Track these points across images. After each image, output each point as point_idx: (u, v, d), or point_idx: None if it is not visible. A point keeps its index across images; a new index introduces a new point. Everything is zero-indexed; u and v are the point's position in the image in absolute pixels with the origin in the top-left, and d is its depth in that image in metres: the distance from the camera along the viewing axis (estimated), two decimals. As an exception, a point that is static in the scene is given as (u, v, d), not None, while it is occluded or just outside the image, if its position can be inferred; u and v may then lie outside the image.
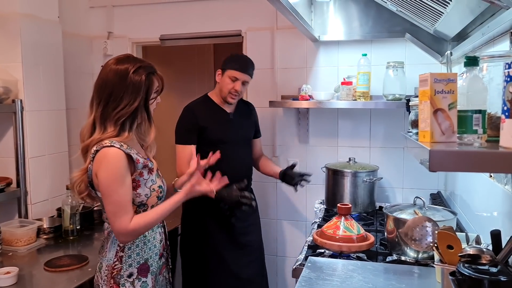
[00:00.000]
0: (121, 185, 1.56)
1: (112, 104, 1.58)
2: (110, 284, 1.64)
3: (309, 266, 1.76)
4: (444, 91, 0.98)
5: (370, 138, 2.85)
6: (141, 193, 1.65)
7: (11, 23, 2.45)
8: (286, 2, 1.92)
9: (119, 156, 1.56)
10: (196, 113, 2.44)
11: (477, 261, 1.15)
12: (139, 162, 1.63)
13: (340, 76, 2.81)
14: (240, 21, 3.01)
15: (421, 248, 1.56)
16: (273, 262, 3.09)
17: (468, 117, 0.99)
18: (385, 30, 2.70)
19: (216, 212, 2.41)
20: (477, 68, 1.02)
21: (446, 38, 2.42)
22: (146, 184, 1.66)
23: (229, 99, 2.44)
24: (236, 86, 2.40)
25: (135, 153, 1.62)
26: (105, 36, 3.24)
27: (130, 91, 1.58)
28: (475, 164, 0.79)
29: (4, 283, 1.82)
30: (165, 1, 3.13)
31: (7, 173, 2.47)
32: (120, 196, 1.56)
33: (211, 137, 2.43)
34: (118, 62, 1.62)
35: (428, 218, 1.52)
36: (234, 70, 2.39)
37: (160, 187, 1.72)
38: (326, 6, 2.79)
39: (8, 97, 2.39)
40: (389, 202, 2.78)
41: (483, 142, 0.98)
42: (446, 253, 1.23)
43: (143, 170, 1.65)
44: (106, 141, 1.56)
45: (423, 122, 1.01)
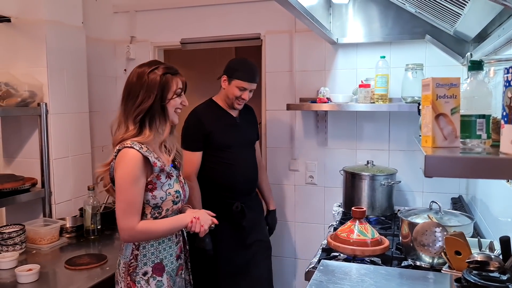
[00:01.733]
0: (134, 185, 1.63)
1: (130, 101, 1.69)
2: (127, 281, 1.70)
3: (321, 269, 1.76)
4: (447, 96, 0.97)
5: (389, 141, 2.82)
6: (156, 195, 1.70)
7: (37, 30, 2.54)
8: (301, 7, 1.92)
9: (136, 157, 1.63)
10: (203, 119, 2.45)
11: (485, 268, 1.14)
12: (156, 165, 1.67)
13: (358, 78, 2.79)
14: (259, 25, 3.03)
15: (430, 254, 1.54)
16: (291, 264, 3.09)
17: (472, 122, 0.98)
18: (405, 32, 2.66)
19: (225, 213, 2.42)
20: (482, 72, 1.01)
21: (467, 39, 2.37)
22: (162, 188, 1.71)
23: (236, 105, 2.48)
24: (243, 96, 2.44)
25: (153, 157, 1.68)
26: (128, 40, 3.31)
27: (145, 89, 1.67)
28: (471, 170, 0.78)
29: (26, 279, 1.89)
30: (185, 5, 3.18)
31: (33, 174, 2.56)
32: (131, 196, 1.63)
33: (218, 142, 2.46)
34: (141, 65, 1.75)
35: (437, 223, 1.49)
36: (242, 81, 2.41)
37: (177, 192, 1.76)
38: (345, 8, 2.78)
39: (34, 100, 2.48)
40: (408, 206, 2.74)
41: (487, 147, 0.97)
42: (454, 259, 1.21)
43: (161, 174, 1.71)
44: (128, 141, 1.65)
45: (425, 127, 1.00)
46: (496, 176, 0.86)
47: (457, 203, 2.54)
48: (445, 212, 1.89)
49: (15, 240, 2.18)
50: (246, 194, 2.55)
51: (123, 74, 3.31)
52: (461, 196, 2.68)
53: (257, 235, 2.59)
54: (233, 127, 2.53)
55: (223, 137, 2.47)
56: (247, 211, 2.49)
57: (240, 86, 2.42)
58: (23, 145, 2.61)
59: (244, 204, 2.49)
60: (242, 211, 2.48)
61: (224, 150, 2.48)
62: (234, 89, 2.43)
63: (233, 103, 2.47)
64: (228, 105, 2.51)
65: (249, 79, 2.42)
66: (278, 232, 3.00)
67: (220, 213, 2.42)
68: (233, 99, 2.45)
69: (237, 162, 2.47)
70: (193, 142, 2.44)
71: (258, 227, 2.63)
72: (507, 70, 0.82)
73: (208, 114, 2.49)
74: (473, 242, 1.47)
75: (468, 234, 1.79)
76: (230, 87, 2.45)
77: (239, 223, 2.49)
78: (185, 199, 1.84)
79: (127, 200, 1.63)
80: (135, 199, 1.64)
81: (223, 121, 2.51)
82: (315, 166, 2.98)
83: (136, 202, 1.65)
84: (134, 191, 1.63)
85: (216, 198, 2.49)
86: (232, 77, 2.44)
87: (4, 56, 2.61)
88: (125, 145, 1.65)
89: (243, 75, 2.42)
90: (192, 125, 2.47)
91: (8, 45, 2.59)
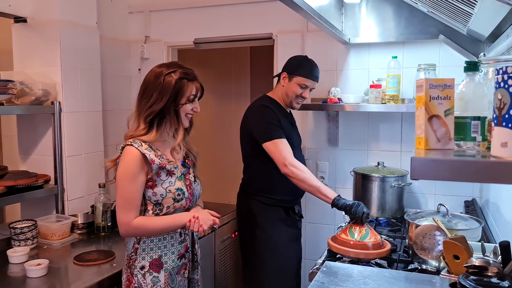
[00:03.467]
0: (131, 182, 1.67)
1: (144, 100, 1.72)
2: (127, 273, 1.76)
3: (324, 270, 1.74)
4: (440, 97, 0.95)
5: (401, 142, 2.78)
6: (157, 192, 1.72)
7: (51, 30, 2.59)
8: (310, 9, 1.91)
9: (135, 155, 1.67)
10: (276, 112, 2.36)
11: (484, 273, 1.11)
12: (153, 162, 1.69)
13: (370, 78, 2.76)
14: (271, 25, 3.03)
15: (430, 258, 1.51)
16: (302, 265, 3.07)
17: (467, 124, 0.96)
18: (419, 32, 2.62)
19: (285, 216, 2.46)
20: (479, 73, 0.98)
21: (481, 38, 2.32)
22: (162, 185, 1.73)
23: (295, 104, 2.43)
24: (304, 93, 2.39)
25: (153, 154, 1.70)
26: (142, 40, 3.35)
27: (159, 90, 1.69)
28: (458, 173, 0.77)
29: (35, 274, 1.93)
30: (199, 5, 3.20)
31: (46, 171, 2.61)
32: (128, 193, 1.68)
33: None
34: (161, 65, 1.78)
35: (437, 226, 1.47)
36: (305, 78, 2.36)
37: (179, 190, 1.76)
38: (358, 8, 2.75)
39: (48, 99, 2.53)
40: (420, 209, 2.70)
41: (481, 149, 0.94)
42: (452, 263, 1.19)
43: (161, 171, 1.72)
44: (131, 140, 1.70)
45: (419, 128, 0.98)
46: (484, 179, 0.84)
47: (470, 206, 2.49)
48: (453, 215, 1.85)
49: (27, 235, 2.23)
50: (301, 196, 2.57)
51: (137, 74, 3.36)
52: (474, 199, 2.62)
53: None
54: (292, 126, 2.50)
55: (287, 135, 2.36)
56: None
57: (301, 83, 2.37)
58: (37, 143, 2.67)
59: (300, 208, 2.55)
60: (300, 215, 2.53)
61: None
62: (295, 87, 2.38)
63: (292, 101, 2.41)
64: (286, 104, 2.46)
65: (311, 77, 2.38)
66: (288, 232, 3.00)
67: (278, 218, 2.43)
68: (293, 97, 2.40)
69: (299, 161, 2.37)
70: (278, 129, 2.30)
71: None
72: (497, 71, 0.80)
73: (276, 110, 2.39)
74: (477, 246, 1.45)
75: (475, 238, 1.76)
76: (291, 84, 2.39)
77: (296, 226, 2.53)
78: (192, 198, 1.83)
79: (125, 196, 1.68)
80: (132, 195, 1.68)
81: (286, 119, 2.45)
82: (326, 166, 2.96)
83: (134, 199, 1.68)
84: (132, 188, 1.67)
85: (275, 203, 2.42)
86: (294, 74, 2.38)
87: (19, 55, 2.67)
88: (127, 143, 1.70)
89: (306, 72, 2.37)
90: (271, 116, 2.33)
91: (23, 45, 2.65)
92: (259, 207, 2.44)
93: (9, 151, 3.06)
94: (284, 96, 2.43)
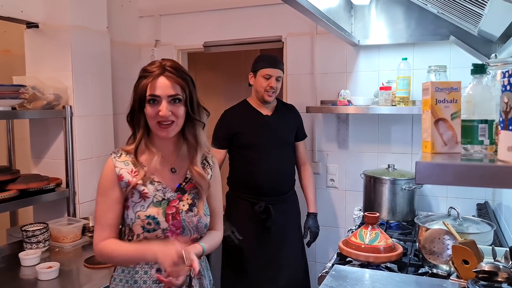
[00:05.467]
0: (102, 197, 1.46)
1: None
2: None
3: (333, 274, 1.73)
4: (447, 100, 0.94)
5: (412, 144, 2.76)
6: (128, 215, 1.46)
7: (62, 35, 2.62)
8: (319, 12, 1.91)
9: (107, 167, 1.48)
10: (229, 119, 2.54)
11: (493, 279, 1.10)
12: (121, 179, 1.45)
13: (380, 80, 2.74)
14: (280, 27, 3.03)
15: (439, 262, 1.49)
16: (311, 268, 3.06)
17: (474, 127, 0.95)
18: (429, 33, 2.60)
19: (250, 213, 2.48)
20: (486, 76, 0.97)
21: (492, 39, 2.29)
22: (133, 208, 1.45)
23: (267, 97, 2.48)
24: (271, 83, 2.45)
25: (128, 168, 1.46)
26: (152, 44, 3.38)
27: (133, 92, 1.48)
28: (463, 177, 0.75)
29: (46, 276, 1.96)
30: (208, 9, 3.21)
31: (58, 174, 2.64)
32: (99, 209, 1.47)
33: (244, 141, 2.49)
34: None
35: (446, 230, 1.45)
36: (265, 68, 2.45)
37: (150, 217, 1.43)
38: (367, 9, 2.73)
39: (59, 103, 2.56)
40: (432, 211, 2.67)
41: (489, 153, 0.93)
42: (461, 268, 1.17)
43: (134, 191, 1.45)
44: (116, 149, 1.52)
45: (425, 132, 0.97)
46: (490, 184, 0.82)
47: (482, 209, 2.45)
48: (464, 218, 1.82)
49: (39, 238, 2.26)
50: (273, 194, 2.51)
51: (147, 77, 3.37)
52: (487, 202, 2.58)
53: (285, 238, 2.54)
54: (262, 126, 2.52)
55: (248, 136, 2.49)
56: (274, 212, 2.47)
57: (265, 74, 2.45)
58: (49, 146, 2.70)
59: (271, 205, 2.47)
60: (268, 212, 2.46)
61: (249, 149, 2.50)
62: (260, 80, 2.47)
63: (263, 96, 2.48)
64: (260, 101, 2.53)
65: (272, 65, 2.45)
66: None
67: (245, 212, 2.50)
68: (262, 91, 2.47)
69: (262, 162, 2.47)
70: (217, 140, 2.52)
71: (288, 230, 2.57)
72: (504, 74, 0.79)
73: (236, 114, 2.56)
74: (488, 250, 1.42)
75: (487, 242, 1.73)
76: (257, 80, 2.49)
77: (264, 224, 2.48)
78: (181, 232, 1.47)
79: (96, 213, 1.48)
80: (102, 212, 1.45)
81: (250, 120, 2.53)
82: (336, 169, 2.95)
83: (103, 217, 1.45)
84: (102, 206, 1.45)
85: (241, 197, 2.54)
86: (256, 69, 2.49)
87: (31, 60, 2.71)
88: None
89: (265, 63, 2.47)
90: (219, 125, 2.56)
91: (35, 50, 2.69)
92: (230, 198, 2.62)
93: (21, 155, 3.10)
94: (256, 94, 2.53)
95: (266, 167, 2.48)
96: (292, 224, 2.63)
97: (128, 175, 1.44)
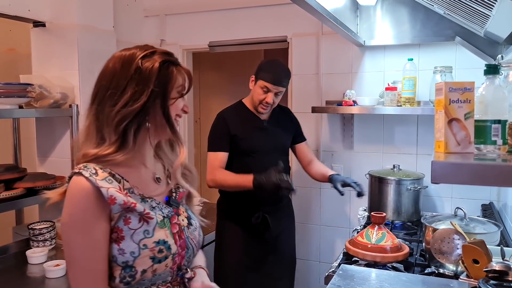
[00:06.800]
0: (84, 236, 1.06)
1: (110, 100, 1.13)
2: None
3: (340, 273, 1.74)
4: (460, 101, 0.95)
5: (417, 145, 2.76)
6: (125, 249, 1.09)
7: (69, 34, 2.63)
8: (326, 11, 1.92)
9: (85, 191, 1.07)
10: (228, 121, 2.35)
11: (504, 278, 1.10)
12: (114, 202, 1.08)
13: (386, 81, 2.75)
14: (286, 27, 3.04)
15: (449, 262, 1.50)
16: (315, 267, 3.07)
17: (487, 127, 0.95)
18: (435, 34, 2.61)
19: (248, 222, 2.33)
20: (499, 76, 0.98)
21: (499, 40, 2.30)
22: (133, 237, 1.10)
23: (260, 109, 2.34)
24: (267, 99, 2.28)
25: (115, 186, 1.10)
26: (157, 43, 3.38)
27: (135, 81, 1.13)
28: (479, 177, 0.76)
29: (54, 274, 1.97)
30: (214, 9, 3.22)
31: (64, 173, 2.64)
32: (79, 254, 1.06)
33: (243, 146, 2.33)
34: (127, 49, 1.21)
35: (456, 230, 1.45)
36: (265, 82, 2.27)
37: (161, 243, 1.14)
38: (373, 10, 2.74)
39: (66, 102, 2.57)
40: (436, 212, 2.67)
41: (502, 153, 0.94)
42: (472, 267, 1.18)
43: (131, 215, 1.11)
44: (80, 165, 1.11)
45: (438, 132, 0.98)
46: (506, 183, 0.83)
47: (487, 210, 2.46)
48: (471, 219, 1.83)
49: (45, 236, 2.27)
50: (271, 203, 2.38)
51: (152, 77, 3.39)
52: (492, 203, 2.59)
53: (281, 247, 2.44)
54: (260, 131, 2.38)
55: (246, 141, 2.34)
56: (272, 221, 2.33)
57: (263, 86, 2.27)
58: (55, 145, 2.71)
59: (268, 215, 2.33)
60: (265, 222, 2.32)
61: (247, 155, 2.34)
62: (258, 91, 2.30)
63: (257, 106, 2.33)
64: (254, 108, 2.39)
65: (273, 81, 2.26)
66: (302, 235, 3.00)
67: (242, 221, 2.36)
68: (257, 101, 2.32)
69: (261, 169, 2.23)
70: (218, 142, 2.33)
71: (284, 238, 2.47)
72: (519, 74, 0.79)
73: (233, 116, 2.38)
74: (497, 250, 1.43)
75: (494, 242, 1.74)
76: (255, 88, 2.32)
77: (261, 235, 2.36)
78: (186, 253, 1.21)
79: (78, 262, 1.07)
80: (87, 257, 1.06)
81: (248, 124, 2.37)
82: (341, 169, 2.95)
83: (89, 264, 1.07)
84: (86, 248, 1.06)
85: (239, 206, 2.38)
86: (257, 77, 2.32)
87: (38, 59, 2.72)
88: (75, 171, 1.10)
89: (267, 75, 2.27)
90: (217, 127, 2.37)
91: (42, 49, 2.70)
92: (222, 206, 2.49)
93: (27, 153, 3.10)
94: (252, 100, 2.37)
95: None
96: (289, 231, 2.54)
97: (120, 195, 1.09)
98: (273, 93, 2.29)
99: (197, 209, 1.35)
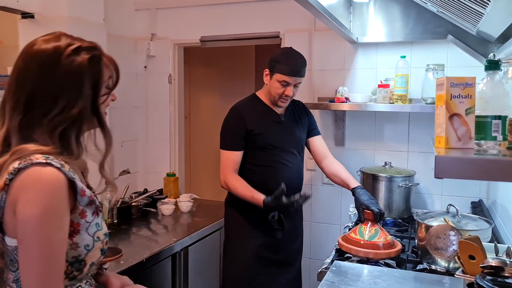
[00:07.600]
0: (58, 229, 1.01)
1: (40, 109, 1.07)
2: None
3: (334, 270, 1.74)
4: (461, 96, 0.95)
5: (408, 142, 2.78)
6: (79, 243, 1.07)
7: (58, 26, 2.55)
8: (321, 6, 1.91)
9: (58, 181, 1.01)
10: (244, 115, 2.25)
11: (500, 274, 1.11)
12: (84, 194, 1.07)
13: (378, 78, 2.76)
14: (278, 23, 3.02)
15: (444, 258, 1.51)
16: (306, 264, 3.07)
17: (488, 123, 0.95)
18: (427, 32, 2.62)
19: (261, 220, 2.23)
20: (499, 72, 0.98)
21: (490, 39, 2.31)
22: (88, 230, 1.09)
23: (280, 103, 2.25)
24: (287, 92, 2.20)
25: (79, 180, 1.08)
26: (148, 37, 3.35)
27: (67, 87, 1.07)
28: (482, 172, 0.76)
29: None
30: (205, 3, 3.20)
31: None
32: (52, 249, 1.00)
33: (260, 141, 2.24)
34: (44, 40, 1.12)
35: (451, 226, 1.46)
36: (283, 75, 2.17)
37: (106, 235, 1.17)
38: (366, 7, 2.74)
39: (55, 95, 2.52)
40: (427, 209, 2.69)
41: (502, 149, 0.94)
42: (468, 263, 1.18)
43: (87, 209, 1.09)
44: (37, 155, 1.02)
45: (439, 127, 0.98)
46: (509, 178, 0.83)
47: (477, 207, 2.48)
48: (463, 215, 1.84)
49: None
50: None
51: (143, 71, 3.36)
52: (481, 200, 2.61)
53: (289, 246, 2.38)
54: (277, 126, 2.29)
55: (265, 136, 2.24)
56: (286, 221, 2.21)
57: (282, 80, 2.17)
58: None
59: (283, 214, 2.19)
60: (280, 221, 2.20)
61: (265, 151, 2.24)
62: (276, 85, 2.20)
63: (276, 100, 2.24)
64: (271, 102, 2.29)
65: (291, 73, 2.16)
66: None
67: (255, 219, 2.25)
68: (276, 96, 2.22)
69: (279, 165, 2.22)
70: (233, 139, 2.24)
71: (294, 236, 2.41)
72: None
73: (249, 110, 2.28)
74: (489, 247, 1.44)
75: (486, 239, 1.75)
76: (272, 82, 2.21)
77: (274, 235, 2.25)
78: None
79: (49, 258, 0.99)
80: (59, 253, 1.01)
81: (265, 119, 2.28)
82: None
83: (62, 262, 1.03)
84: (59, 242, 1.01)
85: (248, 204, 2.22)
86: (273, 70, 2.20)
87: (27, 51, 2.66)
88: (34, 161, 1.01)
89: (285, 68, 2.16)
90: (233, 122, 2.26)
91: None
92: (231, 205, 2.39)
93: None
94: (269, 95, 2.28)
95: (282, 171, 2.25)
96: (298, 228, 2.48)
97: (86, 189, 1.09)
98: (292, 85, 2.21)
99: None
